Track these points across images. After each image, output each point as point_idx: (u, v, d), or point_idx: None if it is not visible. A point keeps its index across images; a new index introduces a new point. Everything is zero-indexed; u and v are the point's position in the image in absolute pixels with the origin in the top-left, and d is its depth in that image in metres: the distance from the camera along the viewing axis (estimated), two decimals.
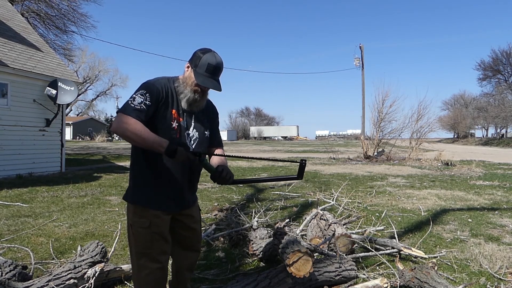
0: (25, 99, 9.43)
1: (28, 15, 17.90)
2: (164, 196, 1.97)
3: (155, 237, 1.95)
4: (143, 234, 1.95)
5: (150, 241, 1.95)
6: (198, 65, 1.89)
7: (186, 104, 1.95)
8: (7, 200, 6.17)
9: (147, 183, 1.96)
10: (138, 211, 1.96)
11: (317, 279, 2.72)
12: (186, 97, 1.93)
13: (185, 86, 1.93)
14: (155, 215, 1.94)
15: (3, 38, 9.64)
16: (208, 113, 2.13)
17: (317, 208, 4.44)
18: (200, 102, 1.98)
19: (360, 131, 26.98)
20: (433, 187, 8.38)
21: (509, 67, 53.27)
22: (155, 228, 1.94)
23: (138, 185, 1.98)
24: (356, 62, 28.41)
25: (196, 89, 1.93)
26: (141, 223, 1.94)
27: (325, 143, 46.18)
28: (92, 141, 42.59)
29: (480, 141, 55.48)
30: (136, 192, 1.98)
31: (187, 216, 2.13)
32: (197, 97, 1.95)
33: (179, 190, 2.01)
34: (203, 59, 1.88)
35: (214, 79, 1.91)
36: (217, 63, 1.90)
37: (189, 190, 2.08)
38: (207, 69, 1.87)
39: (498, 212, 5.63)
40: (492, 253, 3.54)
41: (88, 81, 55.43)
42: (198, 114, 2.04)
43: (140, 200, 1.96)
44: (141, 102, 1.79)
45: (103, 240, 3.96)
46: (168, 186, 1.97)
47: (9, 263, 2.68)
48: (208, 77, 1.89)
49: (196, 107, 1.99)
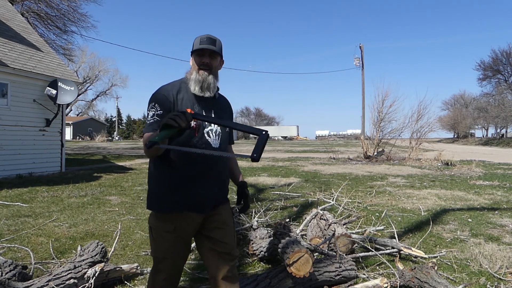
0: (25, 99, 9.43)
1: (28, 15, 17.90)
2: (191, 199, 1.90)
3: (178, 242, 1.91)
4: (166, 238, 1.90)
5: (172, 246, 1.91)
6: (193, 46, 1.94)
7: (196, 87, 1.90)
8: (7, 200, 6.17)
9: (172, 187, 1.89)
10: (161, 216, 1.91)
11: (317, 279, 2.72)
12: (193, 79, 1.91)
13: (191, 72, 1.94)
14: (180, 219, 1.89)
15: (3, 38, 9.65)
16: (226, 109, 2.12)
17: (317, 208, 4.44)
18: (209, 81, 1.92)
19: (360, 131, 26.98)
20: (433, 187, 8.37)
21: (509, 67, 53.28)
22: (180, 233, 1.89)
23: (162, 191, 1.92)
24: (356, 62, 28.40)
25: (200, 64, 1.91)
26: (165, 228, 1.89)
27: (325, 143, 46.19)
28: (92, 141, 42.59)
29: (480, 141, 55.50)
30: (161, 198, 1.92)
31: (215, 221, 2.02)
32: (204, 75, 1.90)
33: (207, 192, 1.94)
34: (195, 40, 1.94)
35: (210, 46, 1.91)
36: (208, 35, 1.93)
37: (217, 191, 2.02)
38: (200, 42, 1.90)
39: (498, 212, 5.63)
40: (492, 253, 3.54)
41: (88, 81, 55.46)
42: (217, 109, 2.01)
43: (164, 206, 1.90)
44: (153, 115, 1.83)
45: (103, 240, 3.96)
46: (196, 189, 1.90)
47: (9, 263, 2.68)
48: (203, 46, 1.90)
49: (207, 88, 1.92)
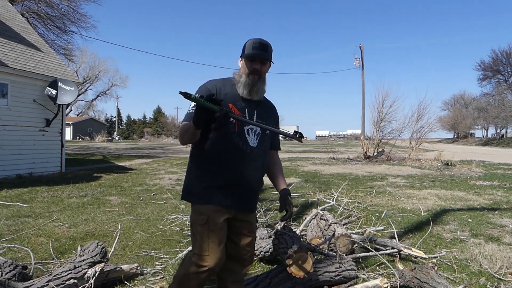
0: (25, 99, 9.43)
1: (28, 15, 17.90)
2: (223, 193, 1.93)
3: (212, 235, 1.91)
4: (200, 232, 1.93)
5: (206, 239, 1.91)
6: (245, 49, 1.96)
7: (245, 91, 1.95)
8: (7, 200, 6.17)
9: (206, 180, 1.94)
10: (197, 209, 1.96)
11: (317, 279, 2.72)
12: (243, 83, 1.95)
13: (241, 74, 1.98)
14: (212, 210, 1.91)
15: (3, 38, 9.65)
16: (272, 113, 2.13)
17: (317, 208, 4.44)
18: (258, 85, 1.96)
19: (360, 131, 26.98)
20: (433, 187, 8.37)
21: (509, 67, 53.27)
22: (212, 225, 1.90)
23: (197, 183, 1.97)
24: (356, 62, 28.40)
25: (251, 70, 1.94)
26: (199, 220, 1.93)
27: (325, 143, 46.16)
28: (92, 141, 42.59)
29: (480, 141, 55.51)
30: (195, 189, 1.97)
31: (243, 222, 2.05)
32: (254, 80, 1.94)
33: (238, 190, 1.97)
34: (247, 43, 1.96)
35: (262, 52, 1.94)
36: (260, 40, 1.95)
37: (249, 192, 2.03)
38: (253, 47, 1.93)
39: (498, 212, 5.63)
40: (492, 253, 3.54)
41: (88, 81, 55.45)
42: (261, 111, 2.03)
43: (198, 197, 1.95)
44: (194, 106, 1.84)
45: (103, 240, 3.96)
46: (228, 185, 1.94)
47: (9, 263, 2.68)
48: (256, 52, 1.93)
49: (255, 93, 1.96)
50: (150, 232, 4.42)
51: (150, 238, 4.19)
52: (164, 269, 3.18)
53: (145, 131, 67.44)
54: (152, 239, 4.15)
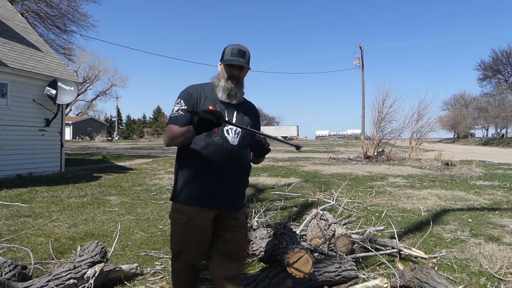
0: (25, 99, 9.42)
1: (28, 15, 17.89)
2: (205, 194, 2.01)
3: (191, 235, 2.01)
4: (180, 230, 2.04)
5: (185, 238, 2.03)
6: (224, 55, 2.06)
7: (224, 95, 2.04)
8: (7, 200, 6.17)
9: (188, 181, 2.03)
10: (178, 208, 2.04)
11: (317, 279, 2.72)
12: (222, 87, 2.04)
13: (220, 79, 2.07)
14: (194, 211, 2.00)
15: (3, 38, 9.64)
16: (251, 112, 2.21)
17: (317, 208, 4.44)
18: (237, 90, 2.06)
19: (360, 131, 26.98)
20: (433, 187, 8.37)
21: (509, 67, 53.27)
22: (192, 225, 2.00)
23: (180, 184, 2.05)
24: (356, 62, 28.40)
25: (229, 75, 2.03)
26: (179, 220, 2.03)
27: (325, 143, 46.18)
28: (92, 141, 42.59)
29: (480, 141, 55.50)
30: (178, 190, 2.05)
31: (231, 219, 2.10)
32: (233, 85, 2.04)
33: (221, 188, 2.02)
34: (227, 48, 2.06)
35: (241, 59, 2.03)
36: (240, 47, 2.05)
37: (233, 189, 2.08)
38: (232, 54, 2.03)
39: (498, 212, 5.63)
40: (492, 253, 3.54)
41: (88, 81, 55.45)
42: (241, 110, 2.12)
43: (180, 198, 2.03)
44: (178, 110, 1.99)
45: (103, 240, 3.96)
46: (210, 184, 2.01)
47: (9, 263, 2.68)
48: (234, 59, 2.02)
49: (234, 97, 2.06)
50: (150, 232, 4.41)
51: (150, 238, 4.19)
52: (164, 269, 3.18)
53: (145, 131, 67.47)
54: (152, 239, 4.15)
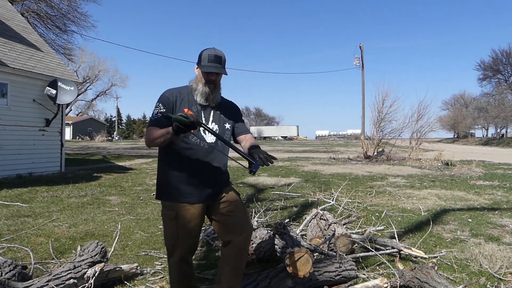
0: (25, 99, 9.42)
1: (28, 15, 17.89)
2: (188, 189, 2.14)
3: (182, 228, 2.14)
4: (170, 225, 2.18)
5: (176, 232, 2.15)
6: (201, 60, 2.14)
7: (202, 99, 2.16)
8: (7, 200, 6.17)
9: (170, 179, 2.16)
10: (167, 205, 2.19)
11: (317, 279, 2.72)
12: (199, 91, 2.16)
13: (197, 83, 2.18)
14: (181, 207, 2.13)
15: (3, 38, 9.64)
16: (228, 108, 2.31)
17: (317, 208, 4.44)
18: (214, 93, 2.17)
19: (360, 131, 26.96)
20: (433, 187, 8.37)
21: (509, 67, 53.22)
22: (181, 220, 2.13)
23: (162, 182, 2.20)
24: (356, 62, 28.36)
25: (207, 80, 2.12)
26: (169, 215, 2.17)
27: (325, 143, 46.20)
28: (92, 141, 42.58)
29: (480, 141, 55.50)
30: (162, 188, 2.20)
31: (221, 203, 2.21)
32: (210, 89, 2.15)
33: (201, 184, 2.15)
34: (204, 54, 2.13)
35: (218, 65, 2.12)
36: (216, 52, 2.13)
37: (213, 184, 2.19)
38: (209, 60, 2.11)
39: (498, 212, 5.63)
40: (492, 253, 3.53)
41: (88, 81, 55.46)
42: (217, 109, 2.23)
43: (166, 195, 2.17)
44: (157, 113, 2.11)
45: (103, 240, 3.96)
46: (191, 180, 2.13)
47: (9, 263, 2.68)
48: (211, 66, 2.11)
49: (212, 100, 2.18)
50: (150, 232, 4.41)
51: (150, 238, 4.19)
52: (164, 269, 3.17)
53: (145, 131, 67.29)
54: (152, 239, 4.15)
